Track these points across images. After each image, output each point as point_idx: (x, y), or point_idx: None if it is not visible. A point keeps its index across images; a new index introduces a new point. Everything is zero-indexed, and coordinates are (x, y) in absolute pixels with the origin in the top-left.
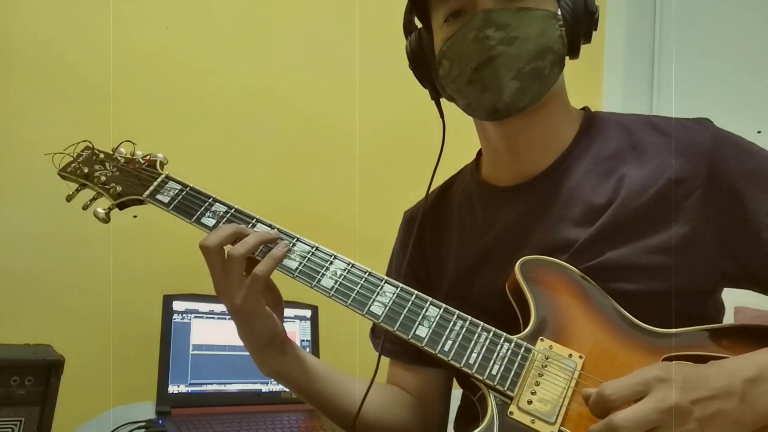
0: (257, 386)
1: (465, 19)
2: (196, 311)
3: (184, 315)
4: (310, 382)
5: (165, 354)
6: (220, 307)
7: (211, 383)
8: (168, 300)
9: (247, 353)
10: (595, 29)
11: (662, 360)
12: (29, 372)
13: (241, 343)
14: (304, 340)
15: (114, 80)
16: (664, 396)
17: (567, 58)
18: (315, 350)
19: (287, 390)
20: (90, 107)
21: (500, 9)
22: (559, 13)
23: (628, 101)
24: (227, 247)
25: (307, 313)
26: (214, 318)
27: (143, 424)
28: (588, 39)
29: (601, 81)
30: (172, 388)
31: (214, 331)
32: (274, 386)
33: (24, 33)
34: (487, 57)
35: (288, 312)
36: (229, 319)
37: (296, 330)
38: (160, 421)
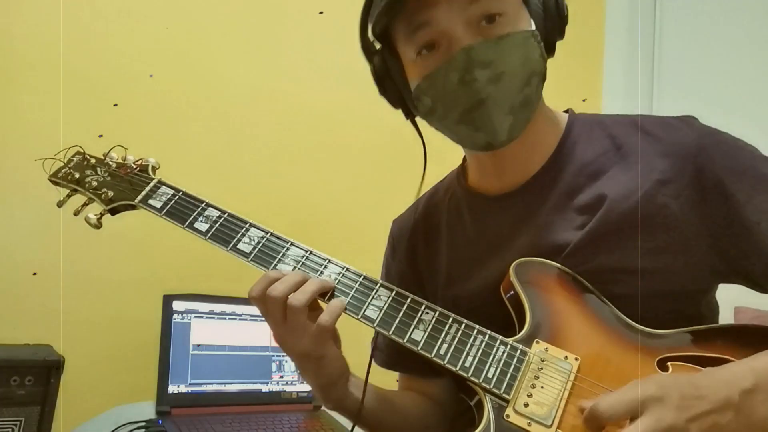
0: (257, 386)
1: (444, 57)
2: (196, 311)
3: (184, 315)
4: (371, 409)
5: (165, 354)
6: (220, 307)
7: (211, 383)
8: (168, 300)
9: (247, 353)
10: (566, 23)
11: (657, 361)
12: (29, 372)
13: (241, 343)
14: None
15: (114, 80)
16: (660, 417)
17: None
18: None
19: (287, 390)
20: (90, 107)
21: (480, 43)
22: (534, 26)
23: (628, 101)
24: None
25: None
26: (214, 318)
27: (143, 424)
28: (561, 36)
29: (601, 81)
30: (172, 388)
31: (214, 331)
32: (274, 386)
33: (24, 33)
34: (477, 100)
35: None
36: (229, 319)
37: None
38: (160, 421)
